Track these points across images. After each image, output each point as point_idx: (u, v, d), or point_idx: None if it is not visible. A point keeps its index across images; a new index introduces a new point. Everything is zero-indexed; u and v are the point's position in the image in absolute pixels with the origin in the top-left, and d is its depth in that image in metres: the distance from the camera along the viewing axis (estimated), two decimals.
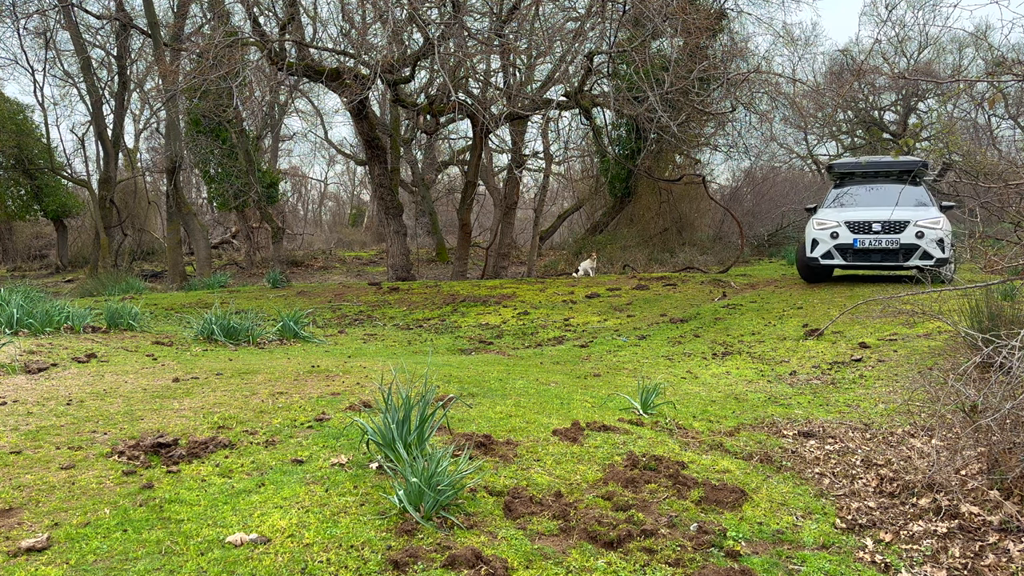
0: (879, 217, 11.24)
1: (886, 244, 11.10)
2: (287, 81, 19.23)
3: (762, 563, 3.20)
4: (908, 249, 11.01)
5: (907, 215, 11.18)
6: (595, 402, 5.79)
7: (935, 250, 10.89)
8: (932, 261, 10.83)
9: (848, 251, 11.36)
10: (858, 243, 11.25)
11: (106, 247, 23.89)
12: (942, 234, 10.93)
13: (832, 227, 11.51)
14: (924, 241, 10.90)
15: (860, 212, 11.66)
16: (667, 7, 11.33)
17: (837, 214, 11.75)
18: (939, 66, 28.53)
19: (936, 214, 11.24)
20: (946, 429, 4.75)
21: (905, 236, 11.06)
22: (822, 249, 11.57)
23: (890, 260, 11.17)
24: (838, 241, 11.42)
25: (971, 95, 16.13)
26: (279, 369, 6.21)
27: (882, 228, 11.21)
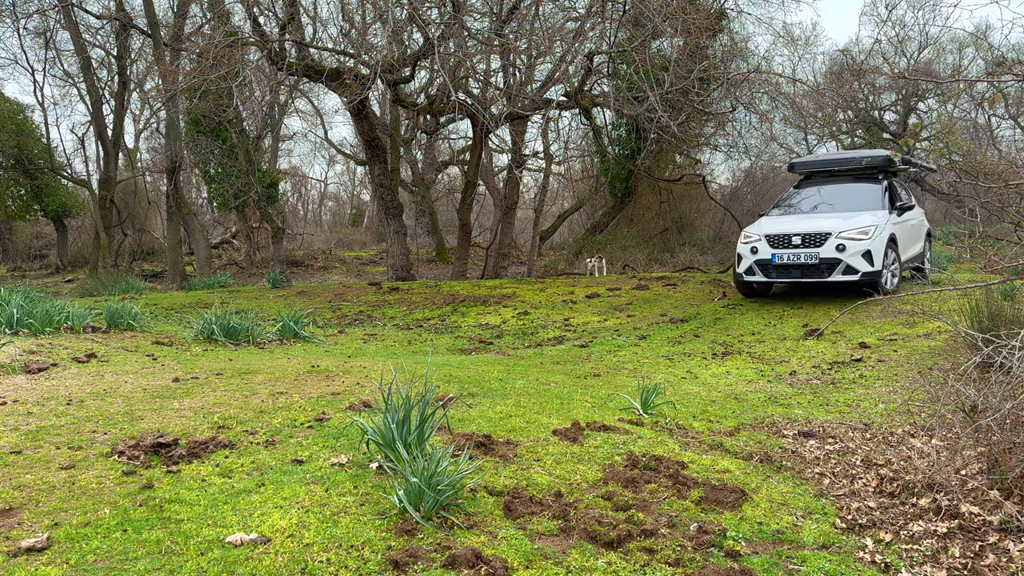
0: (800, 229, 10.38)
1: (805, 259, 10.19)
2: (287, 81, 19.25)
3: (762, 563, 3.20)
4: (829, 264, 10.09)
5: (831, 225, 10.29)
6: (595, 402, 5.79)
7: (861, 263, 9.95)
8: (857, 276, 9.98)
9: (768, 267, 10.51)
10: (776, 258, 10.38)
11: (106, 247, 23.89)
12: (870, 245, 9.96)
13: (753, 241, 10.70)
14: (846, 255, 9.96)
15: (784, 223, 10.79)
16: (667, 7, 11.33)
17: (762, 226, 10.94)
18: (939, 66, 28.53)
19: (868, 222, 10.25)
20: (946, 429, 4.75)
21: (825, 250, 10.11)
22: (745, 265, 10.76)
23: (811, 276, 10.27)
24: (758, 257, 10.57)
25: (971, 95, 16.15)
26: (279, 369, 6.21)
27: (802, 241, 10.30)
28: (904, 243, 11.08)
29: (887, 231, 10.30)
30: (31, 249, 31.72)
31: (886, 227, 10.33)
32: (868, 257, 9.95)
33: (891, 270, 10.47)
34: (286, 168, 36.77)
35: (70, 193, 28.57)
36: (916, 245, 11.93)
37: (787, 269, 10.34)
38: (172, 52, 17.99)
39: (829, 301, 10.77)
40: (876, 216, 10.49)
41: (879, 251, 10.00)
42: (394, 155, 21.68)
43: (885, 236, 10.18)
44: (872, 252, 9.94)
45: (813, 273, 10.20)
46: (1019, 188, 5.27)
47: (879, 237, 10.08)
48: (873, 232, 10.07)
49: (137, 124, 32.08)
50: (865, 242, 9.96)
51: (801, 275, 10.29)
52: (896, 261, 10.61)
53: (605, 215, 23.64)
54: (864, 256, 9.95)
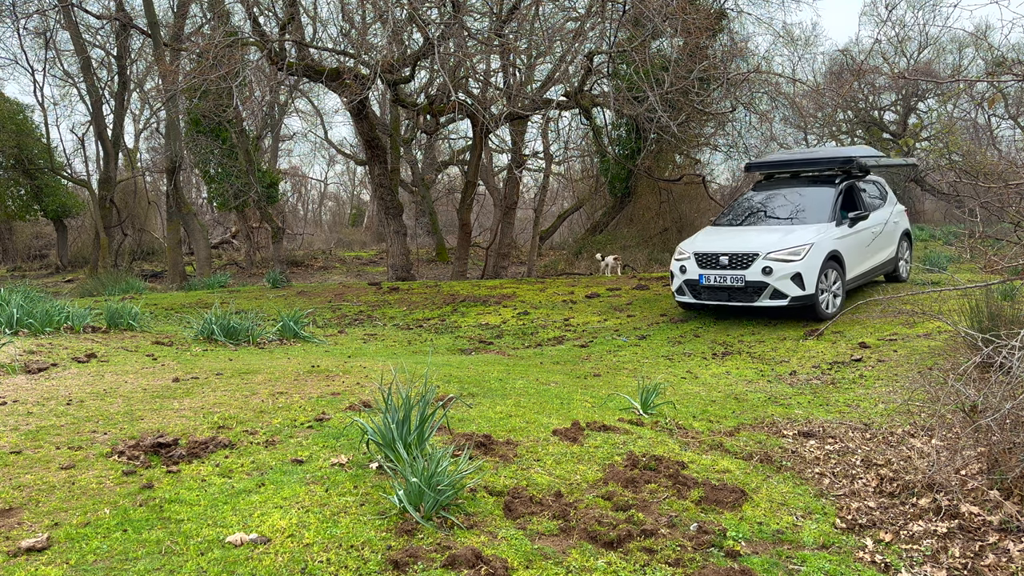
0: (728, 248, 9.60)
1: (731, 281, 9.42)
2: (287, 81, 19.24)
3: (762, 563, 3.20)
4: (756, 287, 9.28)
5: (758, 244, 9.45)
6: (595, 402, 5.79)
7: (789, 287, 9.11)
8: (786, 301, 9.16)
9: (697, 287, 9.78)
10: (704, 279, 9.64)
11: (106, 247, 23.90)
12: (800, 267, 9.06)
13: (683, 259, 9.98)
14: (773, 278, 9.12)
15: (716, 240, 10.03)
16: (667, 7, 11.33)
17: (695, 242, 10.24)
18: (939, 66, 28.54)
19: (800, 240, 9.31)
20: (946, 429, 4.75)
21: (751, 272, 9.28)
22: (676, 283, 10.07)
23: (739, 299, 9.49)
24: (687, 276, 9.85)
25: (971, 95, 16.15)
26: (279, 369, 6.21)
27: (729, 262, 9.50)
28: (855, 257, 10.11)
29: (826, 248, 9.38)
30: (31, 249, 31.72)
31: (825, 244, 9.41)
32: (798, 280, 9.11)
33: (832, 291, 9.58)
34: (286, 168, 36.79)
35: (70, 193, 28.57)
36: (880, 253, 10.96)
37: (715, 291, 9.63)
38: (172, 52, 17.99)
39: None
40: (815, 231, 9.57)
41: (812, 273, 9.12)
42: (394, 155, 21.68)
43: (822, 255, 9.27)
44: (803, 275, 9.08)
45: (740, 296, 9.46)
46: (1019, 188, 5.27)
47: (813, 257, 9.18)
48: (805, 252, 9.17)
49: (137, 124, 32.11)
50: (795, 264, 9.10)
51: (728, 298, 9.55)
52: (839, 280, 9.68)
53: (605, 215, 23.65)
54: (794, 279, 9.12)
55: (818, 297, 9.27)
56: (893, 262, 11.46)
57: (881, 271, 11.18)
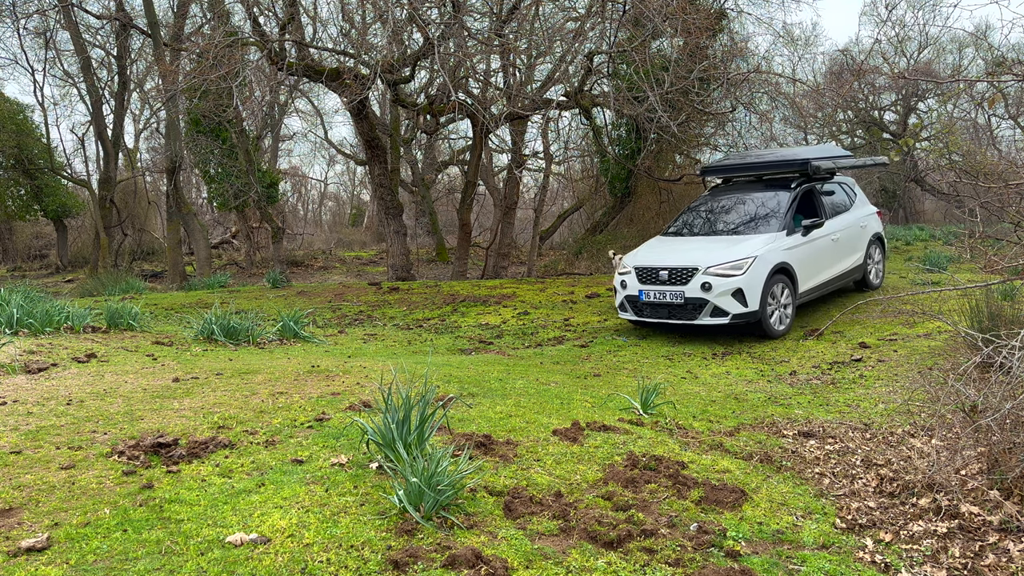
0: (668, 262, 9.03)
1: (671, 298, 8.86)
2: (287, 81, 19.24)
3: (762, 563, 3.20)
4: (695, 304, 8.75)
5: (698, 259, 8.89)
6: (595, 402, 5.79)
7: (730, 304, 8.56)
8: (727, 319, 8.61)
9: (638, 304, 9.24)
10: (644, 295, 9.09)
11: (106, 247, 23.90)
12: (742, 282, 8.52)
13: (624, 274, 9.46)
14: (713, 295, 8.58)
15: (657, 253, 9.49)
16: (667, 7, 11.33)
17: (636, 256, 9.65)
18: (939, 66, 28.55)
19: (742, 253, 8.75)
20: (946, 429, 4.75)
21: (690, 289, 8.74)
22: (618, 299, 9.55)
23: (680, 317, 8.91)
24: (627, 292, 9.33)
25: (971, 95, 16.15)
26: (279, 369, 6.21)
27: (668, 277, 8.94)
28: (810, 268, 9.46)
29: (773, 261, 8.80)
30: (31, 249, 31.71)
31: (772, 256, 8.83)
32: (739, 297, 8.56)
33: (781, 306, 9.02)
34: (286, 168, 36.78)
35: (70, 193, 28.56)
36: (844, 261, 10.28)
37: (656, 308, 9.08)
38: (172, 52, 17.99)
39: (829, 302, 10.76)
40: (762, 242, 8.98)
41: (755, 288, 8.57)
42: (394, 155, 21.68)
43: (768, 268, 8.69)
44: (744, 291, 8.54)
45: (681, 314, 8.90)
46: (1019, 188, 5.27)
47: (756, 271, 8.62)
48: (748, 266, 8.61)
49: (137, 124, 32.10)
50: (736, 279, 8.54)
51: (669, 315, 9.00)
52: (790, 295, 9.11)
53: (605, 215, 23.64)
54: (735, 296, 8.57)
55: (765, 313, 8.73)
56: (860, 269, 10.76)
57: (847, 279, 10.52)
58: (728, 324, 8.68)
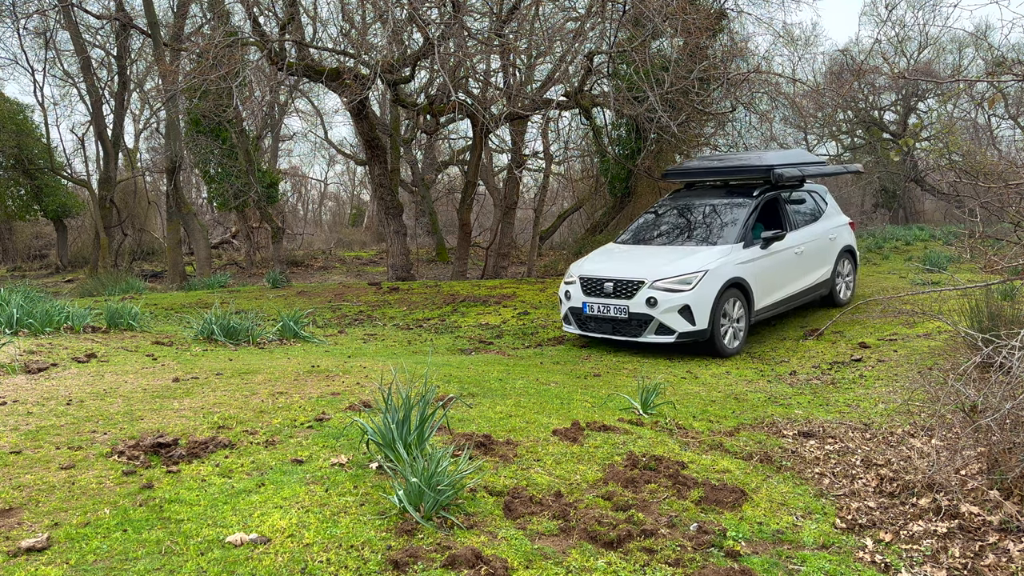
0: (613, 273, 8.46)
1: (615, 312, 8.30)
2: (287, 81, 19.24)
3: (762, 563, 3.20)
4: (640, 320, 8.16)
5: (644, 271, 8.29)
6: (595, 402, 5.80)
7: (676, 322, 7.97)
8: (672, 337, 8.01)
9: (582, 317, 8.69)
10: (587, 308, 8.54)
11: (106, 247, 23.90)
12: (689, 298, 7.95)
13: (569, 284, 8.90)
14: (659, 311, 8.00)
15: (604, 263, 8.91)
16: (667, 7, 11.33)
17: (582, 265, 9.05)
18: (939, 66, 28.55)
19: (692, 267, 8.17)
20: (946, 429, 4.75)
21: (635, 303, 8.16)
22: (563, 310, 8.99)
23: (624, 333, 8.34)
24: (571, 304, 8.78)
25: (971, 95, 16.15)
26: (279, 369, 6.21)
27: (614, 290, 8.36)
28: (768, 283, 8.84)
29: (725, 275, 8.22)
30: (31, 249, 31.71)
31: (724, 270, 8.25)
32: (687, 314, 7.99)
33: (733, 324, 8.42)
34: (286, 168, 36.77)
35: (70, 193, 28.56)
36: (809, 275, 9.63)
37: (600, 322, 8.51)
38: (172, 52, 17.99)
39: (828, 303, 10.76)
40: (715, 255, 8.40)
41: (704, 305, 8.01)
42: (394, 155, 21.68)
43: (719, 283, 8.13)
44: (692, 307, 7.97)
45: (625, 330, 8.32)
46: (1019, 188, 5.27)
47: (706, 286, 8.06)
48: (697, 281, 8.04)
49: (137, 124, 32.09)
50: (684, 295, 7.98)
51: (613, 331, 8.42)
52: (744, 312, 8.52)
53: (605, 215, 23.62)
54: (682, 313, 8.00)
55: (717, 331, 8.16)
56: (827, 284, 10.07)
57: (812, 295, 9.82)
58: (674, 343, 8.11)
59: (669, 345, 8.30)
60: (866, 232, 23.32)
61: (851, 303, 10.46)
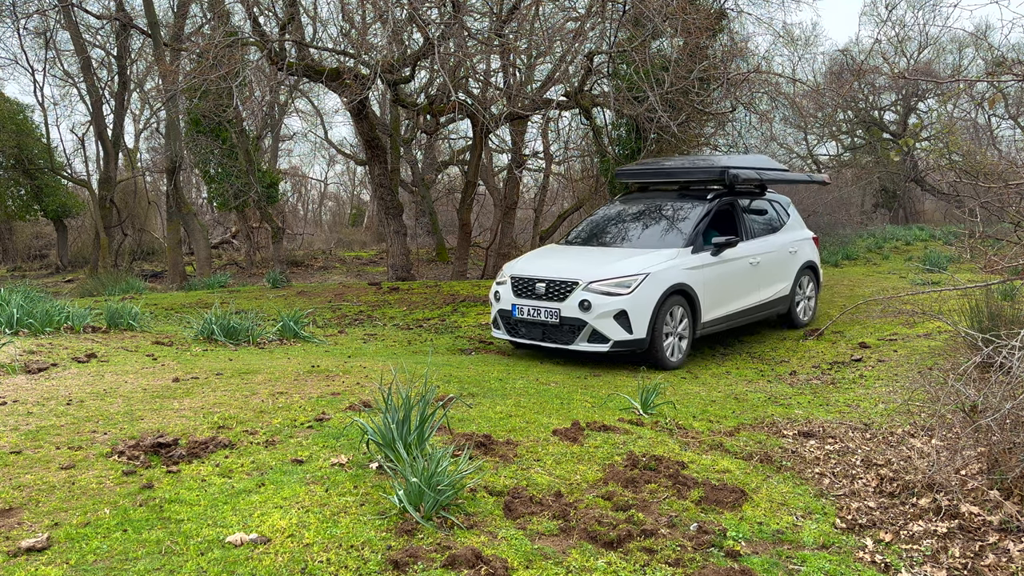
0: (548, 273, 7.71)
1: (545, 316, 7.55)
2: (287, 81, 19.24)
3: (762, 563, 3.20)
4: (572, 326, 7.42)
5: (580, 271, 7.60)
6: (595, 402, 5.80)
7: (611, 329, 7.26)
8: (606, 346, 7.30)
9: (511, 320, 7.90)
10: (517, 311, 7.77)
11: (106, 247, 23.90)
12: (627, 303, 7.23)
13: (500, 284, 8.15)
14: (592, 316, 7.26)
15: (539, 262, 8.16)
16: (667, 7, 11.32)
17: (516, 264, 8.32)
18: (939, 66, 28.56)
19: (631, 269, 7.48)
20: (946, 429, 4.75)
21: (567, 306, 7.41)
22: (492, 312, 8.24)
23: (555, 339, 7.59)
24: (500, 306, 8.01)
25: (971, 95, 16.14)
26: (279, 369, 6.21)
27: (546, 291, 7.61)
28: (717, 294, 8.16)
29: (669, 280, 7.53)
30: (31, 249, 31.71)
31: (668, 275, 7.56)
32: (623, 320, 7.25)
33: (676, 336, 7.71)
34: (286, 168, 36.76)
35: (70, 193, 28.56)
36: (764, 290, 8.89)
37: (530, 327, 7.77)
38: (172, 52, 17.99)
39: (828, 303, 10.75)
40: (659, 258, 7.72)
41: (643, 312, 7.29)
42: (394, 155, 21.69)
43: (662, 289, 7.43)
44: (630, 313, 7.25)
45: (556, 336, 7.58)
46: (1019, 188, 5.27)
47: (646, 291, 7.34)
48: (636, 284, 7.32)
49: (137, 124, 32.09)
50: (620, 299, 7.26)
51: (543, 336, 7.67)
52: (688, 323, 7.82)
53: None
54: (618, 319, 7.25)
55: (658, 342, 7.45)
56: (786, 301, 9.30)
57: (768, 311, 9.09)
58: (608, 352, 7.41)
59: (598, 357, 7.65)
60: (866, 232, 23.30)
61: (812, 325, 9.68)
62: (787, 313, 9.42)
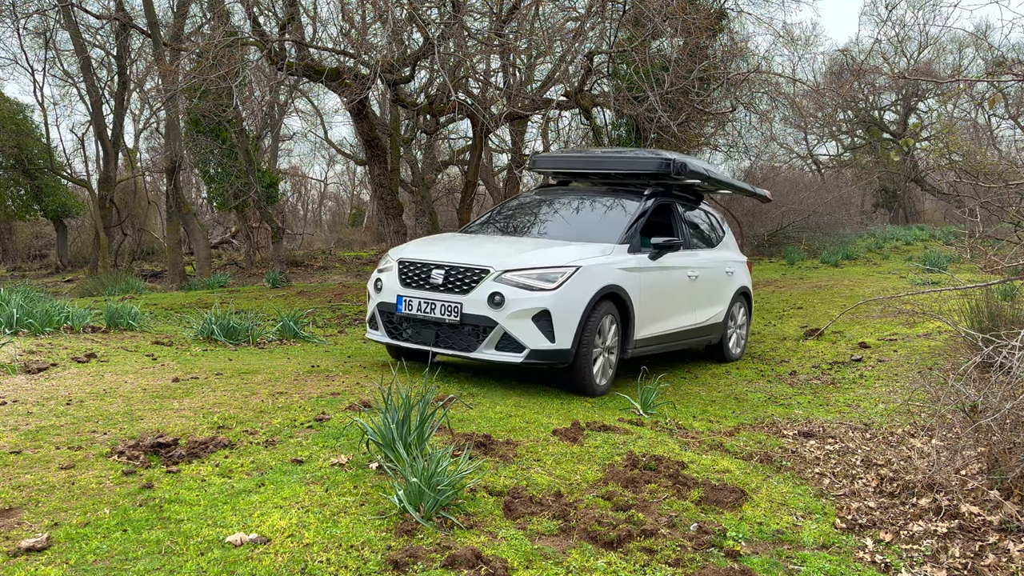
0: (447, 258, 6.04)
1: (441, 312, 5.82)
2: (287, 81, 19.23)
3: (762, 563, 3.20)
4: (476, 326, 5.73)
5: (495, 256, 5.99)
6: (595, 402, 5.79)
7: (529, 333, 5.63)
8: (520, 356, 5.63)
9: (393, 318, 6.18)
10: (403, 305, 6.04)
11: (106, 247, 23.90)
12: (551, 301, 5.64)
13: (382, 271, 6.44)
14: (504, 314, 5.61)
15: (437, 246, 6.55)
16: (667, 7, 11.32)
17: (406, 247, 6.68)
18: (939, 66, 28.56)
19: (568, 258, 5.95)
20: (946, 429, 4.75)
21: (472, 300, 5.73)
22: (370, 308, 6.48)
23: (452, 344, 5.88)
24: (381, 298, 6.28)
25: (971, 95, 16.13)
26: (279, 369, 6.21)
27: (444, 279, 5.90)
28: (655, 305, 6.77)
29: (603, 280, 5.99)
30: (31, 249, 31.71)
31: (602, 271, 6.04)
32: (545, 323, 5.64)
33: (605, 351, 6.18)
34: (286, 168, 36.77)
35: (70, 193, 28.57)
36: (699, 312, 7.59)
37: (420, 327, 6.01)
38: (172, 52, 17.99)
39: (827, 303, 10.75)
40: (590, 251, 6.22)
41: (571, 314, 5.73)
42: (394, 155, 21.68)
43: (595, 288, 5.88)
44: (554, 315, 5.65)
45: (453, 339, 5.86)
46: (1019, 188, 5.27)
47: (576, 288, 5.78)
48: (565, 279, 5.75)
49: (137, 124, 32.09)
50: (543, 295, 5.66)
51: (436, 340, 5.92)
52: (619, 338, 6.34)
53: None
54: (537, 321, 5.63)
55: (586, 357, 5.86)
56: (718, 329, 7.99)
57: (700, 338, 7.80)
58: (521, 365, 5.71)
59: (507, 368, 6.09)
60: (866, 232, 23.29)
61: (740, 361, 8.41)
62: (719, 344, 8.13)
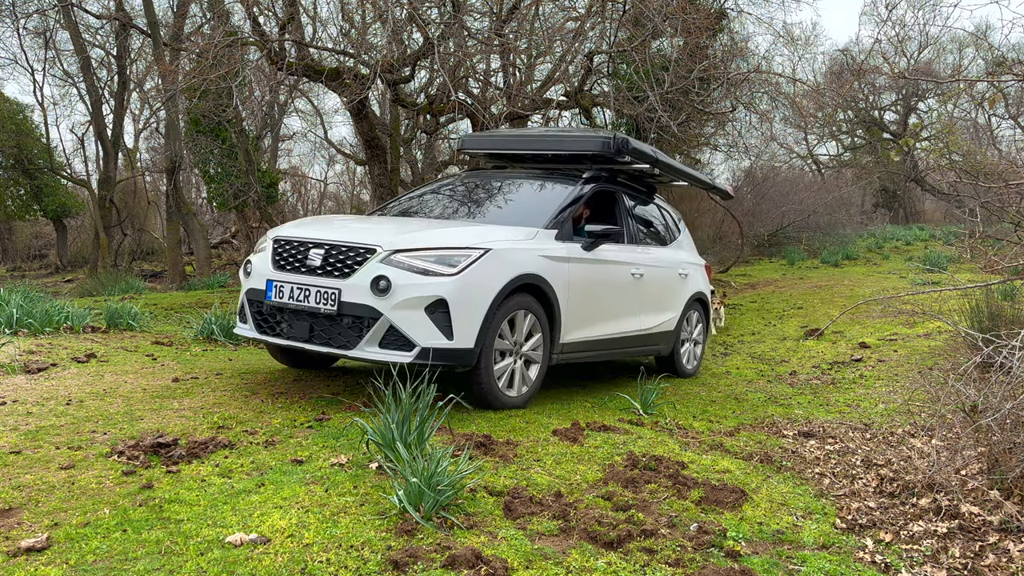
0: (328, 236, 5.06)
1: (316, 301, 4.81)
2: (287, 81, 19.22)
3: (762, 563, 3.20)
4: (358, 317, 4.73)
5: (384, 234, 4.97)
6: (595, 402, 5.79)
7: (421, 328, 4.66)
8: (410, 354, 4.65)
9: (262, 309, 5.15)
10: (273, 291, 5.01)
11: (106, 247, 23.90)
12: (448, 289, 4.68)
13: (257, 253, 5.46)
14: (390, 303, 4.63)
15: (319, 225, 5.48)
16: (667, 7, 11.32)
17: (285, 226, 5.61)
18: (939, 66, 28.57)
19: (474, 240, 4.98)
20: (946, 429, 4.75)
21: (352, 286, 4.74)
22: (241, 296, 5.44)
23: (327, 339, 4.85)
24: (250, 283, 5.28)
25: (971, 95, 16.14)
26: (279, 369, 6.21)
27: (323, 262, 4.90)
28: (587, 304, 5.80)
29: (519, 267, 5.06)
30: (31, 249, 31.71)
31: (519, 259, 5.09)
32: (440, 315, 4.69)
33: (519, 357, 5.26)
34: (286, 168, 36.75)
35: (70, 193, 28.56)
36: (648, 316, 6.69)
37: (292, 318, 4.99)
38: (172, 52, 17.99)
39: (827, 303, 10.75)
40: (504, 234, 5.25)
41: (473, 306, 4.78)
42: (394, 155, 21.67)
43: (506, 276, 4.94)
44: (452, 306, 4.70)
45: (330, 333, 4.83)
46: (1019, 188, 5.27)
47: (482, 275, 4.85)
48: (468, 263, 4.82)
49: (137, 124, 32.06)
50: (440, 281, 4.71)
51: (310, 334, 4.89)
52: (542, 340, 5.36)
53: None
54: (432, 313, 4.69)
55: (488, 359, 4.93)
56: (669, 338, 7.08)
57: (648, 347, 6.90)
58: (410, 364, 4.60)
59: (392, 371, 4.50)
60: (866, 232, 23.29)
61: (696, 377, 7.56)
62: (670, 356, 7.23)
